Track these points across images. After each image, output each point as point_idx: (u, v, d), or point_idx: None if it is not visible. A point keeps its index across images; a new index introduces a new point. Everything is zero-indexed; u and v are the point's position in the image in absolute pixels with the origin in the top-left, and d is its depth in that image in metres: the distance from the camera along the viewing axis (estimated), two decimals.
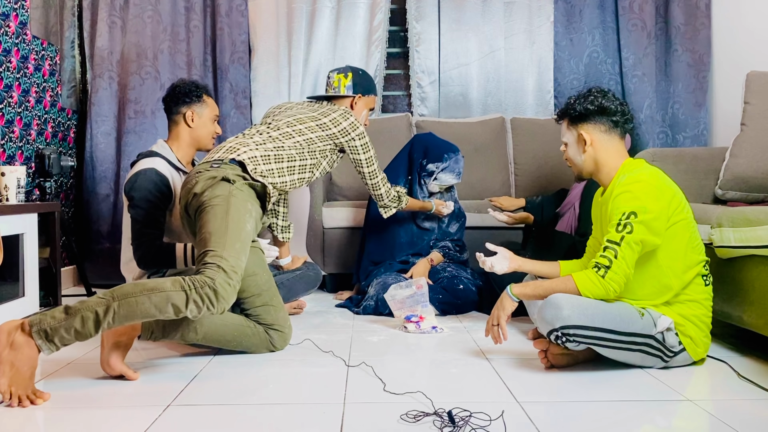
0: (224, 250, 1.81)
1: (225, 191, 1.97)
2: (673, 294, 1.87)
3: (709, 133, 3.59)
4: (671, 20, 3.61)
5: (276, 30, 3.75)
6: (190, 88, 2.46)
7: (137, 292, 1.67)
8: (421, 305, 2.45)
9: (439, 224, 3.02)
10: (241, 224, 1.91)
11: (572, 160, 2.03)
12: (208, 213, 1.93)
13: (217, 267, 1.76)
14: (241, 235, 1.89)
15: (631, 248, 1.79)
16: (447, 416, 1.46)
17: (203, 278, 1.72)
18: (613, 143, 1.96)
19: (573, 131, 2.00)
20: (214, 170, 2.04)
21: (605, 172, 1.97)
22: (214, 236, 1.85)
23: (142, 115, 3.62)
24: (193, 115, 2.43)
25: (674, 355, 1.86)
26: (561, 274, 2.10)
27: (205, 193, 1.97)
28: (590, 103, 1.95)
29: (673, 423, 1.54)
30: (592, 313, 1.77)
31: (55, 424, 1.53)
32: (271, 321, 2.08)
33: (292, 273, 2.71)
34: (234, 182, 2.01)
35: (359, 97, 2.57)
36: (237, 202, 1.96)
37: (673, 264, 1.86)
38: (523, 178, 3.63)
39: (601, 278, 1.79)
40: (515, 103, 3.82)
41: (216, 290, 1.72)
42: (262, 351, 2.08)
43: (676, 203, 1.86)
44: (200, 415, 1.55)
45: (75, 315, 1.63)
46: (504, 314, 1.93)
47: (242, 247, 1.87)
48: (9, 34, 2.98)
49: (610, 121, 1.95)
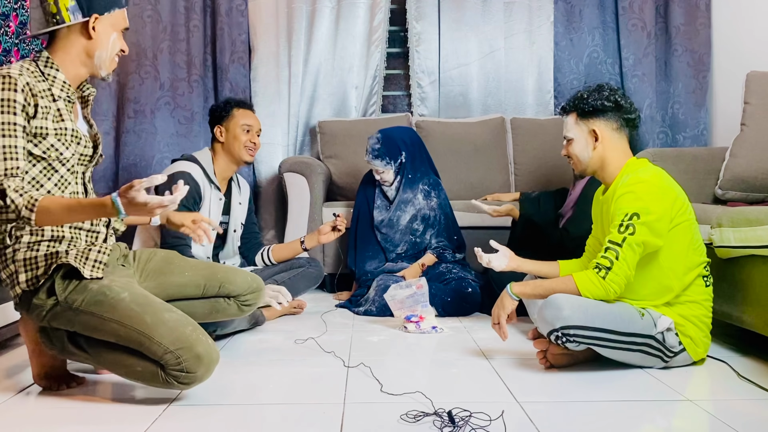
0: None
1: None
2: (673, 295, 1.87)
3: (709, 133, 3.59)
4: (671, 20, 3.61)
5: (276, 30, 3.75)
6: (219, 106, 2.62)
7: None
8: (421, 305, 2.45)
9: (409, 238, 2.96)
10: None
11: (577, 156, 1.98)
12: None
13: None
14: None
15: (633, 250, 1.79)
16: (447, 416, 1.46)
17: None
18: (622, 142, 1.95)
19: (583, 126, 1.96)
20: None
21: (609, 170, 1.95)
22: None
23: (142, 115, 3.62)
24: (222, 130, 2.56)
25: (674, 355, 1.86)
26: (561, 274, 2.10)
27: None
28: (606, 99, 1.92)
29: (673, 423, 1.54)
30: (593, 313, 1.77)
31: (55, 423, 1.53)
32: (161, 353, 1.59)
33: (293, 271, 2.71)
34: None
35: (95, 17, 1.70)
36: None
37: (674, 265, 1.85)
38: (523, 178, 3.63)
39: (602, 279, 1.79)
40: (515, 103, 3.82)
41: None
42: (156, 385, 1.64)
43: (679, 205, 1.85)
44: (200, 415, 1.55)
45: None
46: (504, 313, 1.93)
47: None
48: (9, 34, 2.98)
49: (623, 119, 1.93)
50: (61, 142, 1.65)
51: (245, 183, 2.75)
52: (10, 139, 1.55)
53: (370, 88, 3.81)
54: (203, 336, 1.62)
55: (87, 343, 1.65)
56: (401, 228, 2.96)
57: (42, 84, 1.65)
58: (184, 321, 1.62)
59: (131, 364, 1.60)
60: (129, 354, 1.60)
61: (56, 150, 1.64)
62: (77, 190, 1.73)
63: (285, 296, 2.30)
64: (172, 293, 1.87)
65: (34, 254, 1.62)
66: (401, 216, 2.95)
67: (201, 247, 2.42)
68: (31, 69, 1.66)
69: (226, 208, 2.57)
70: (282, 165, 3.39)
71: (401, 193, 2.95)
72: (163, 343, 1.56)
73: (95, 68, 1.73)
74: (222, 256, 2.62)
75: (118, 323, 1.59)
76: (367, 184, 3.07)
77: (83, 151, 1.73)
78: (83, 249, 1.67)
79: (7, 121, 1.55)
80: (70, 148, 1.67)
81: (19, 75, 1.58)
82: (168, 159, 3.60)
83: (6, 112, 1.55)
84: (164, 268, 1.91)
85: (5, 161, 1.53)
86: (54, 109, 1.65)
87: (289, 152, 3.77)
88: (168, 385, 1.58)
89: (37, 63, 1.68)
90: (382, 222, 2.97)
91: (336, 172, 3.57)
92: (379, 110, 3.87)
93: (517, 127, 3.69)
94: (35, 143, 1.61)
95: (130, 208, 1.46)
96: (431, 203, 2.96)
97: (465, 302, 2.69)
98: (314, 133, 3.75)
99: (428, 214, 2.95)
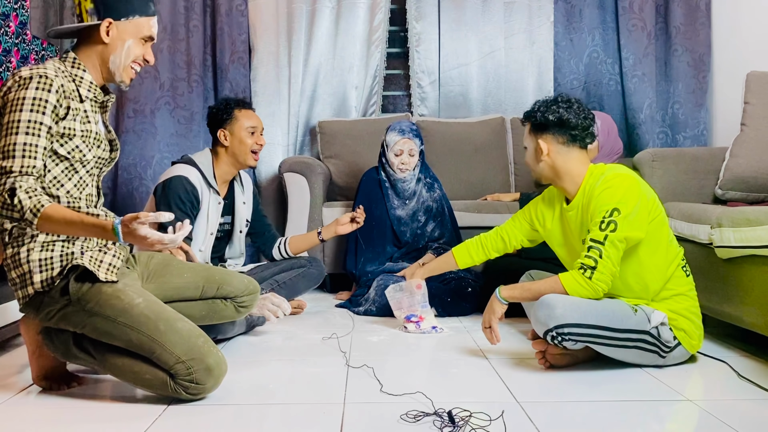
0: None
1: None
2: (657, 289, 1.88)
3: (709, 133, 3.59)
4: (671, 20, 3.61)
5: (276, 30, 3.75)
6: (220, 108, 2.51)
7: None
8: (421, 306, 2.45)
9: (412, 227, 2.97)
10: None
11: (529, 165, 2.03)
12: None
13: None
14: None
15: (615, 246, 1.79)
16: (447, 416, 1.46)
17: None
18: (573, 154, 1.95)
19: (532, 138, 2.00)
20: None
21: (569, 179, 1.96)
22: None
23: (141, 114, 3.62)
24: (226, 134, 2.49)
25: (670, 350, 1.87)
26: (457, 260, 2.29)
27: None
28: (552, 113, 1.93)
29: (673, 423, 1.54)
30: (586, 310, 1.78)
31: (55, 423, 1.53)
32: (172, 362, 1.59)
33: (294, 271, 2.70)
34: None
35: (109, 22, 1.69)
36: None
37: (656, 260, 1.87)
38: (523, 178, 3.63)
39: (588, 279, 1.80)
40: (515, 103, 3.82)
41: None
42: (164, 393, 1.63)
43: (651, 197, 1.87)
44: (200, 415, 1.55)
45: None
46: (494, 317, 1.96)
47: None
48: (9, 34, 2.98)
49: (569, 135, 1.93)
50: (86, 144, 1.68)
51: (248, 180, 2.71)
52: (32, 137, 1.56)
53: (370, 88, 3.81)
54: (214, 348, 1.63)
55: (94, 347, 1.65)
56: (414, 220, 2.97)
57: (70, 85, 1.67)
58: (196, 332, 1.63)
59: (140, 371, 1.60)
60: (138, 360, 1.61)
61: (80, 151, 1.66)
62: (92, 192, 1.75)
63: (285, 310, 2.31)
64: (170, 295, 1.88)
65: (49, 254, 1.63)
66: (415, 208, 2.96)
67: (199, 252, 2.42)
68: (62, 69, 1.68)
69: (227, 210, 2.56)
70: (282, 165, 3.39)
71: (417, 184, 2.95)
72: (176, 352, 1.57)
73: (111, 74, 1.74)
74: (229, 255, 2.62)
75: (130, 328, 1.59)
76: (368, 185, 3.01)
77: (102, 155, 1.75)
78: (97, 252, 1.67)
79: (34, 120, 1.56)
80: (92, 151, 1.69)
81: (55, 76, 1.60)
82: (168, 159, 3.59)
83: (35, 111, 1.57)
84: (163, 270, 1.91)
85: (23, 158, 1.55)
86: (81, 111, 1.67)
87: (289, 152, 3.77)
88: (176, 394, 1.59)
89: (65, 63, 1.70)
90: (400, 219, 2.95)
91: (336, 172, 3.57)
92: (379, 110, 3.87)
93: (517, 127, 3.69)
94: (61, 143, 1.63)
95: (128, 237, 1.47)
96: (434, 195, 2.98)
97: (464, 302, 2.69)
98: (314, 133, 3.75)
99: (431, 206, 2.97)
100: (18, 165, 1.54)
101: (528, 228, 2.18)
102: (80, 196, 1.69)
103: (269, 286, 2.56)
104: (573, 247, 2.03)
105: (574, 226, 1.97)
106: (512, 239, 2.21)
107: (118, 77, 1.74)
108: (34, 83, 1.57)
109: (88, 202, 1.72)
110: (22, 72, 1.60)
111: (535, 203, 2.17)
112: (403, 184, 2.92)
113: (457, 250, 2.32)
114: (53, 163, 1.63)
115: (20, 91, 1.57)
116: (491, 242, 2.25)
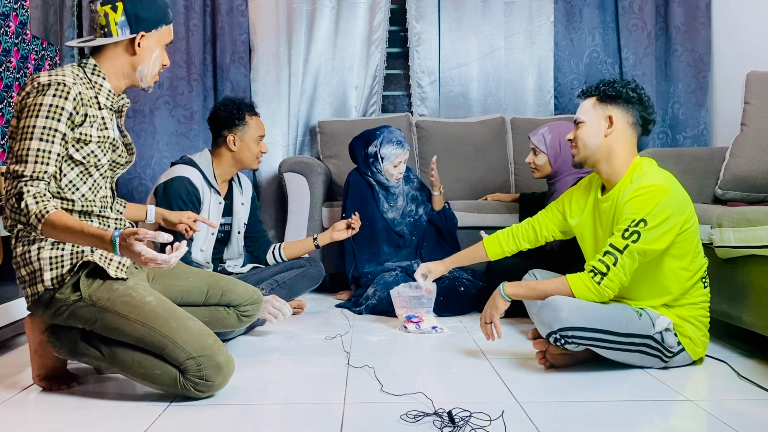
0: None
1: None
2: (672, 298, 1.87)
3: (709, 133, 3.59)
4: (671, 20, 3.61)
5: (276, 30, 3.75)
6: (232, 111, 2.46)
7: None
8: (425, 309, 2.46)
9: (407, 221, 3.01)
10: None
11: (585, 141, 1.90)
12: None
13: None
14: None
15: (633, 258, 1.77)
16: (447, 416, 1.46)
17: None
18: (633, 139, 1.90)
19: (600, 110, 1.89)
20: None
21: (616, 165, 1.88)
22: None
23: (141, 114, 3.61)
24: (235, 139, 2.46)
25: (673, 355, 1.86)
26: (487, 250, 2.22)
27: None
28: (633, 90, 1.87)
29: (673, 423, 1.54)
30: (591, 314, 1.77)
31: (55, 423, 1.53)
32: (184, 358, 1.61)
33: (294, 271, 2.70)
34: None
35: (142, 35, 1.72)
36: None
37: (679, 272, 1.84)
38: (523, 178, 3.63)
39: (597, 284, 1.79)
40: (515, 103, 3.82)
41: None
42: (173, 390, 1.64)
43: (689, 213, 1.82)
44: (200, 415, 1.55)
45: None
46: (497, 313, 1.94)
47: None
48: (9, 34, 2.98)
49: (641, 116, 1.88)
50: (101, 149, 1.70)
51: (247, 181, 2.71)
52: (46, 143, 1.58)
53: (370, 88, 3.81)
54: (223, 347, 1.66)
55: (103, 343, 1.66)
56: (405, 215, 3.01)
57: (89, 92, 1.68)
58: (206, 331, 1.66)
59: (150, 366, 1.61)
60: (148, 356, 1.62)
61: (95, 156, 1.69)
62: (107, 194, 1.78)
63: (286, 314, 2.32)
64: (176, 297, 1.89)
65: (59, 252, 1.64)
66: (403, 205, 3.01)
67: (200, 252, 2.42)
68: (80, 76, 1.69)
69: (227, 210, 2.56)
70: (282, 165, 3.39)
71: (402, 183, 3.02)
72: (187, 349, 1.59)
73: (136, 80, 1.77)
74: (227, 256, 2.62)
75: (142, 324, 1.60)
76: (357, 187, 2.99)
77: (117, 159, 1.77)
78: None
79: (49, 126, 1.58)
80: (106, 155, 1.72)
81: (73, 84, 1.63)
82: (167, 158, 3.59)
83: (51, 118, 1.59)
84: (168, 273, 1.93)
85: (35, 164, 1.57)
86: (99, 118, 1.70)
87: (289, 152, 3.77)
88: (184, 391, 1.60)
89: (84, 69, 1.71)
90: (394, 220, 2.98)
91: (336, 172, 3.56)
92: (379, 110, 3.87)
93: (517, 127, 3.69)
94: (77, 148, 1.65)
95: (124, 251, 1.48)
96: (413, 185, 3.06)
97: (455, 301, 2.69)
98: (314, 133, 3.75)
99: (415, 194, 3.04)
100: (30, 170, 1.56)
101: (560, 218, 2.11)
102: (95, 198, 1.71)
103: (269, 285, 2.55)
104: (601, 241, 1.95)
105: (605, 219, 1.92)
106: (543, 229, 2.15)
107: (146, 84, 1.79)
108: (52, 90, 1.60)
109: (102, 204, 1.75)
110: (41, 78, 1.62)
111: (570, 192, 2.11)
112: (396, 189, 2.98)
113: (488, 240, 2.23)
114: (68, 167, 1.65)
115: (38, 97, 1.60)
116: (522, 232, 2.19)
